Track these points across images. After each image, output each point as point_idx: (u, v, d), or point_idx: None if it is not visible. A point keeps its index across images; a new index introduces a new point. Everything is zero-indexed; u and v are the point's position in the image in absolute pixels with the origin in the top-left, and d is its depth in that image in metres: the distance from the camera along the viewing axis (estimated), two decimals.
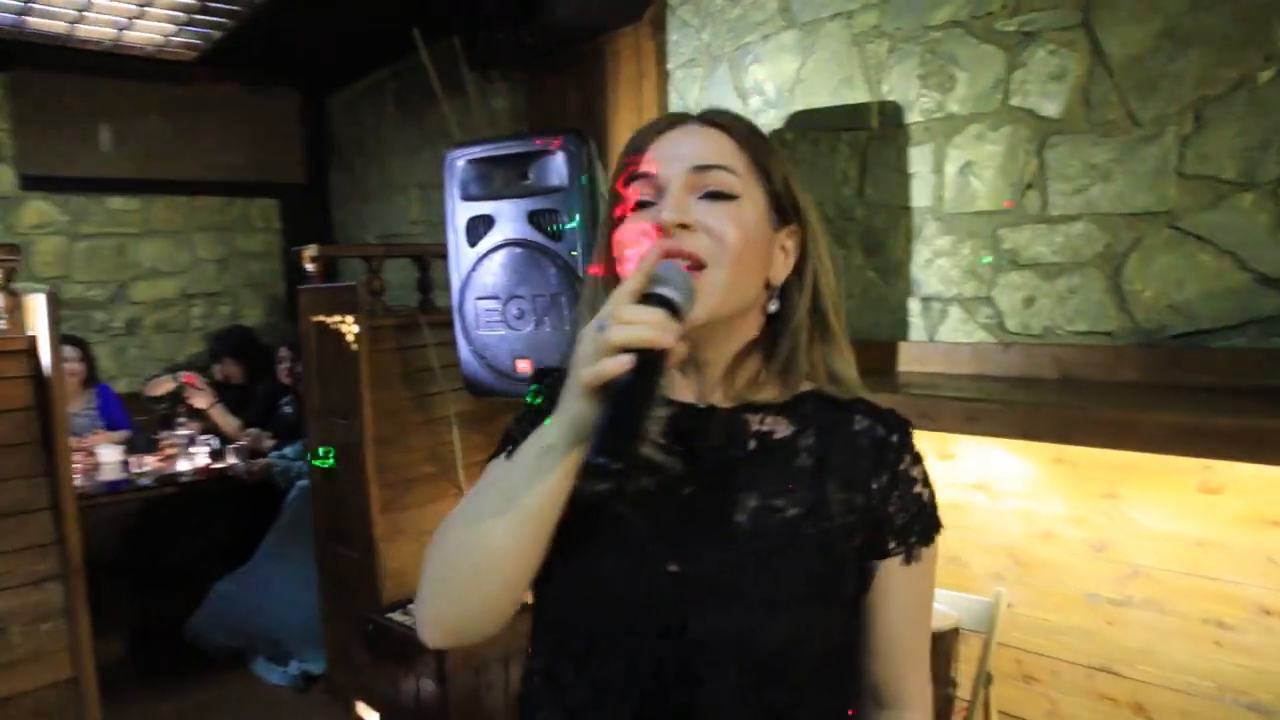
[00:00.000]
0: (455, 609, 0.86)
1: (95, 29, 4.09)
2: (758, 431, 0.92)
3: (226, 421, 4.45)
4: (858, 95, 2.57)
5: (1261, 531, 1.87)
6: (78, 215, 5.09)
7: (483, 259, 2.58)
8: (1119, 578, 2.11)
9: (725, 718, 0.84)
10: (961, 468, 2.39)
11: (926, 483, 0.95)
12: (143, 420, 4.70)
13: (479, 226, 2.58)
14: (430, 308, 3.36)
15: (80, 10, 3.83)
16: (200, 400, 4.46)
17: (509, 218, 2.53)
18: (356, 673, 3.28)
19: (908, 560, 0.92)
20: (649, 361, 0.76)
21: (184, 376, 4.52)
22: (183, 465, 4.07)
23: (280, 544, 3.86)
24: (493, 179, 2.59)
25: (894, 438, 0.93)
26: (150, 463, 4.05)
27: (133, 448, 4.16)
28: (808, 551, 0.87)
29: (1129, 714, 2.11)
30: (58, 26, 4.01)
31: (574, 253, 2.45)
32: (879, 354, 2.51)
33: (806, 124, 2.70)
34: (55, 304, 2.29)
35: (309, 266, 3.41)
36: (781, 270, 0.92)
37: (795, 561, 0.87)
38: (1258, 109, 1.85)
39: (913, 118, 2.44)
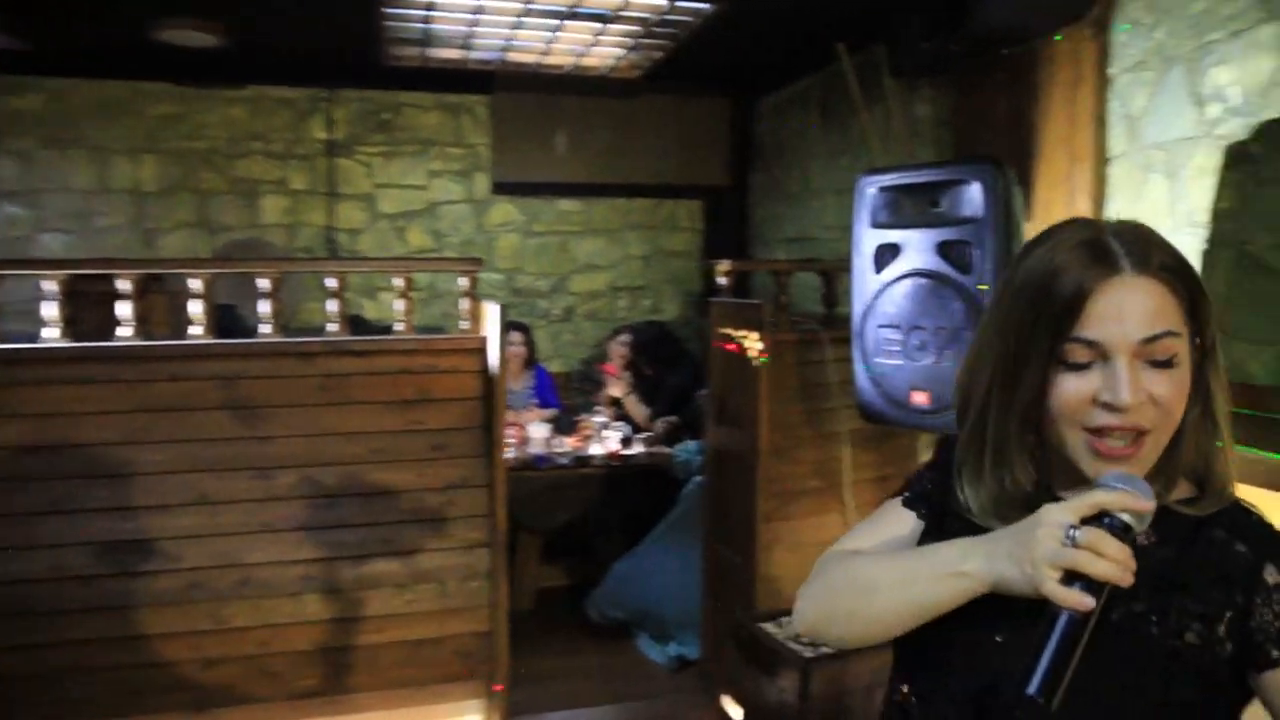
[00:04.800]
0: (828, 627, 1.06)
1: (560, 57, 4.64)
2: None
3: (638, 411, 4.83)
4: None
5: None
6: (532, 215, 5.84)
7: (887, 287, 2.58)
8: None
9: None
10: None
11: None
12: (569, 402, 5.28)
13: (886, 254, 2.58)
14: (833, 321, 3.39)
15: (548, 42, 4.35)
16: (616, 389, 4.89)
17: (917, 247, 2.50)
18: (728, 668, 3.40)
19: None
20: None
21: (605, 366, 5.00)
22: (595, 449, 4.48)
23: (671, 533, 4.10)
24: (903, 207, 2.56)
25: (1249, 551, 0.89)
26: (568, 443, 4.51)
27: (558, 427, 4.68)
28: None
29: None
30: (530, 56, 4.61)
31: (981, 286, 2.33)
32: None
33: None
34: (504, 313, 2.65)
35: (721, 280, 3.59)
36: None
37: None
38: None
39: None
